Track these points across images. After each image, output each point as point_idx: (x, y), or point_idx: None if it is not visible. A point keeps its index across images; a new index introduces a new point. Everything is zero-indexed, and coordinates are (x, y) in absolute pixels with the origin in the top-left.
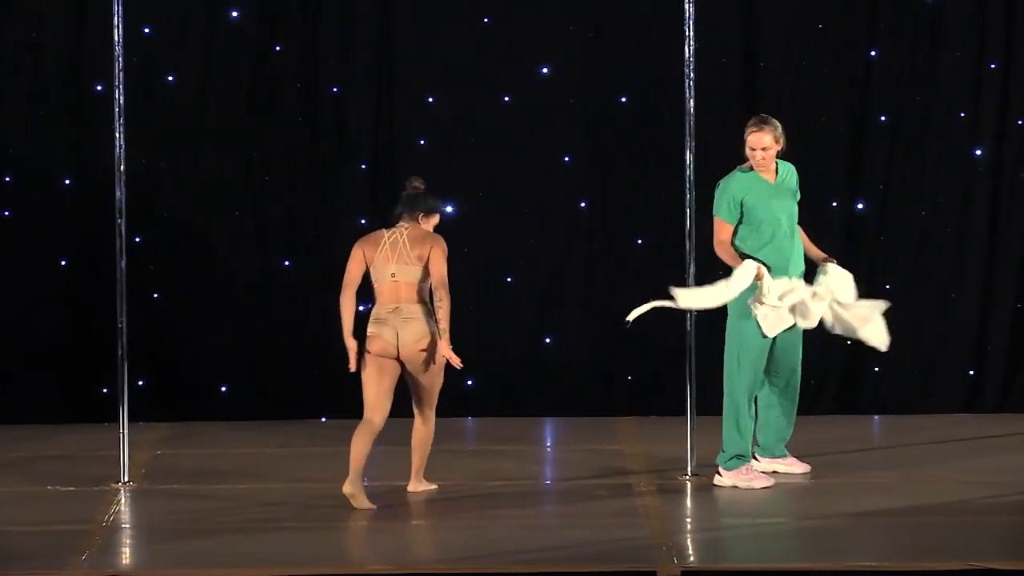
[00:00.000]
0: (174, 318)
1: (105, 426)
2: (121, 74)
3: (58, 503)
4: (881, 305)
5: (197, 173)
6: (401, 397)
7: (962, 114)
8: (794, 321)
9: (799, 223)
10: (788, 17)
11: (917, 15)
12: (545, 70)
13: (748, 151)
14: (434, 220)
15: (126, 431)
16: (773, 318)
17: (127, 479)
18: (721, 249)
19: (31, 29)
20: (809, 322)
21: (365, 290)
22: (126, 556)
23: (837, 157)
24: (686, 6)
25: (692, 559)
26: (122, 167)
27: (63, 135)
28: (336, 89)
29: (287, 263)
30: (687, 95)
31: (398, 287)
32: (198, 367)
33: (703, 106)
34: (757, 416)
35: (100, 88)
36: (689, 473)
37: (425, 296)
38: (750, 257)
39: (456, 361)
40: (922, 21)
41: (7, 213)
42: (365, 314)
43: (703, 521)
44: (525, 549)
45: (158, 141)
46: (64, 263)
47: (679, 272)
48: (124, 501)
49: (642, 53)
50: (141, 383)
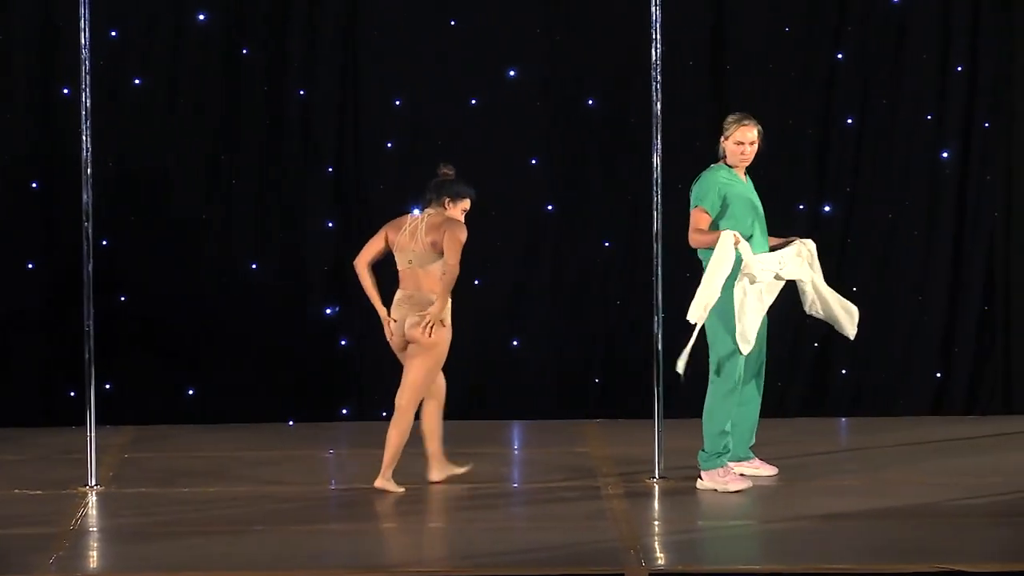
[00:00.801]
0: (141, 321)
1: (73, 429)
2: (88, 77)
3: (26, 506)
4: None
5: (164, 176)
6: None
7: (928, 116)
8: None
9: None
10: (755, 20)
11: (883, 18)
12: (512, 72)
13: (734, 145)
14: (462, 206)
15: (94, 434)
16: (746, 337)
17: (95, 482)
18: (698, 236)
19: None
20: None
21: (340, 288)
22: (94, 559)
23: (804, 160)
24: (653, 9)
25: (660, 562)
26: (89, 170)
27: (30, 138)
28: (303, 92)
29: (254, 266)
30: (654, 97)
31: (415, 273)
32: (165, 370)
33: (670, 108)
34: None
35: (67, 91)
36: (657, 476)
37: (428, 280)
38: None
39: (420, 338)
40: (888, 24)
41: None
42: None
43: (671, 524)
44: (493, 552)
45: (125, 144)
46: (31, 266)
47: (646, 274)
48: (92, 504)
49: (609, 55)
50: (108, 386)
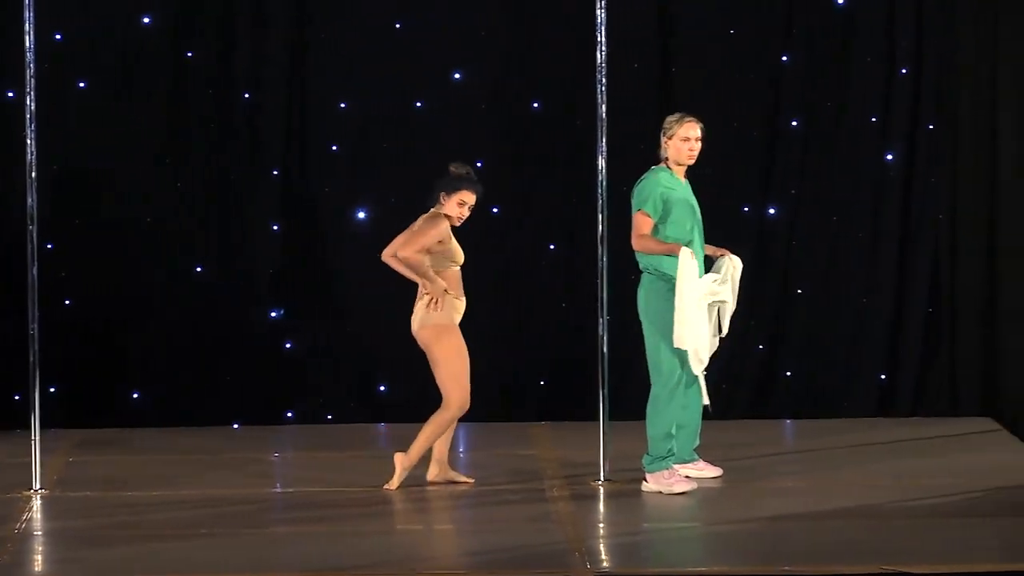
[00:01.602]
0: (86, 324)
1: (17, 433)
2: (32, 80)
3: None
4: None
5: (109, 180)
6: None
7: (874, 119)
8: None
9: (706, 228)
10: (701, 22)
11: (829, 21)
12: (457, 75)
13: (680, 142)
14: (456, 199)
15: (38, 438)
16: (698, 356)
17: (39, 486)
18: (643, 242)
19: None
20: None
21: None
22: (38, 563)
23: (749, 162)
24: (598, 12)
25: (605, 564)
26: (33, 174)
27: None
28: (248, 95)
29: (199, 269)
30: (599, 100)
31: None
32: (111, 374)
33: (615, 111)
34: None
35: (12, 95)
36: (602, 478)
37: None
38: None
39: (437, 292)
40: (834, 27)
41: None
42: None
43: (616, 526)
44: (438, 555)
45: (70, 148)
46: None
47: (592, 276)
48: (36, 508)
49: (555, 58)
50: (53, 390)
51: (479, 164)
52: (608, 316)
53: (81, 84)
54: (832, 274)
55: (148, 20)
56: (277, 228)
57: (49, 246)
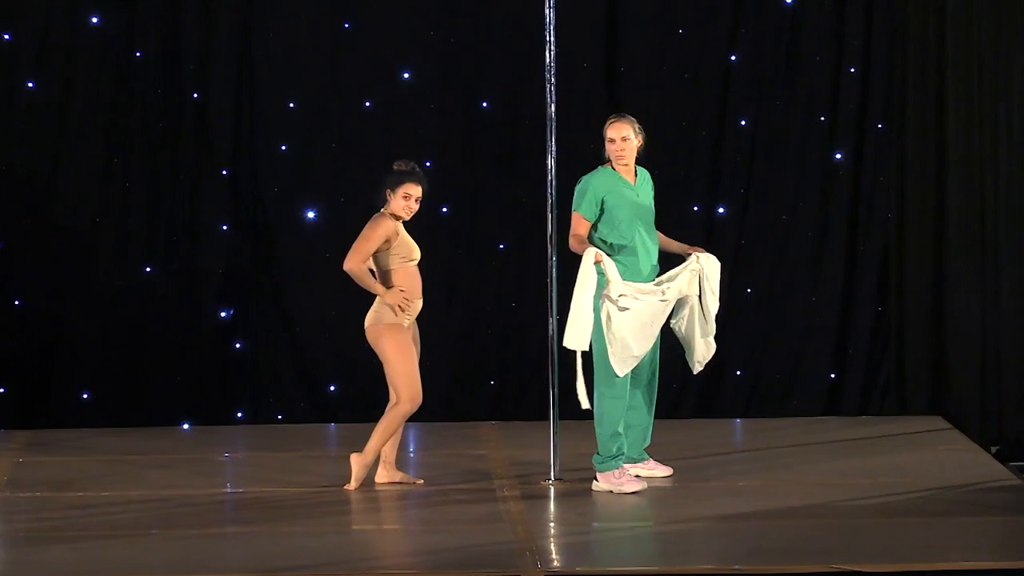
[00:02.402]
0: (35, 324)
1: None
2: None
3: None
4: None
5: (58, 179)
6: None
7: (822, 118)
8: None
9: (657, 227)
10: (649, 22)
11: (777, 19)
12: (406, 75)
13: (607, 143)
14: (401, 192)
15: None
16: (621, 356)
17: None
18: (575, 242)
19: None
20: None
21: (235, 291)
22: None
23: (698, 161)
24: (547, 11)
25: (556, 563)
26: None
27: None
28: (197, 95)
29: (148, 269)
30: (548, 100)
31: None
32: (60, 374)
33: (564, 110)
34: None
35: None
36: (552, 478)
37: (380, 279)
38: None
39: (393, 300)
40: (781, 26)
41: None
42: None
43: (566, 525)
44: (387, 554)
45: (18, 147)
46: None
47: (541, 276)
48: None
49: (503, 58)
50: (2, 391)
51: (428, 164)
52: (558, 316)
53: (30, 84)
54: (780, 273)
55: (96, 20)
56: (226, 228)
57: None
